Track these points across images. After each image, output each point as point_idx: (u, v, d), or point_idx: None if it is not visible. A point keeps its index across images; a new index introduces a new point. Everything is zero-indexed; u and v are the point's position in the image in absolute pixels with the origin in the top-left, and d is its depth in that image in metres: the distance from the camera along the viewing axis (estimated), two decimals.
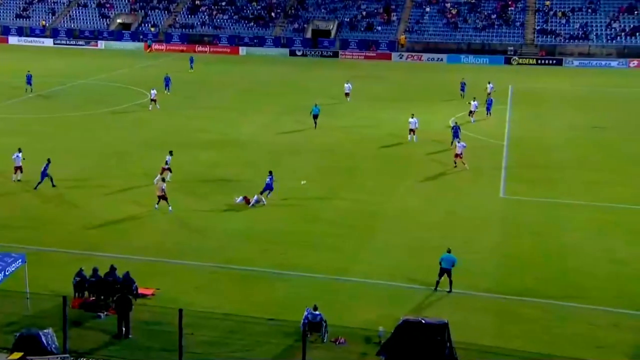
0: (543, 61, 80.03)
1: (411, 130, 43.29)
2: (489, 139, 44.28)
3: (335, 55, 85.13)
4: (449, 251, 23.46)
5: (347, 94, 55.68)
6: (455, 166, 37.32)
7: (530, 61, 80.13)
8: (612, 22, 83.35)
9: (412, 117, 43.61)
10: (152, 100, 51.71)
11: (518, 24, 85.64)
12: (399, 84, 66.94)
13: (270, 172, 32.10)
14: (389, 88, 63.97)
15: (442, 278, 23.20)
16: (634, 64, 77.44)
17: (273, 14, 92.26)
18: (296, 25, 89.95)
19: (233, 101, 56.54)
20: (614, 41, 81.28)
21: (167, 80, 58.33)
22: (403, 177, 36.33)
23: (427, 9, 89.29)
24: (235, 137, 44.26)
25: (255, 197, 31.60)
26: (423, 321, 18.75)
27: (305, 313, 20.02)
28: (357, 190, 34.17)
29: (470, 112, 48.63)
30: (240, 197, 31.62)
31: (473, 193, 33.90)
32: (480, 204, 32.35)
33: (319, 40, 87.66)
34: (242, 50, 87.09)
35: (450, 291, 22.98)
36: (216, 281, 24.00)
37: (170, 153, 34.86)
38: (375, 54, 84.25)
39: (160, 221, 29.66)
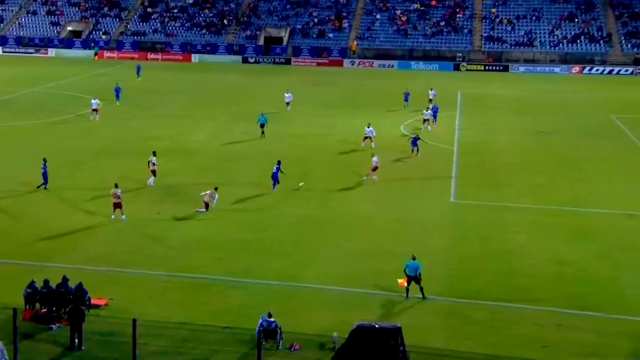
0: (490, 67, 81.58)
1: (367, 137, 43.50)
2: (439, 144, 44.98)
3: (288, 62, 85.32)
4: (413, 258, 23.62)
5: (287, 104, 54.78)
6: (366, 178, 36.87)
7: (478, 67, 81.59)
8: (555, 29, 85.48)
9: (369, 127, 43.72)
10: (93, 110, 50.63)
11: (466, 30, 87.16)
12: (351, 90, 67.43)
13: (279, 162, 35.12)
14: (341, 94, 64.41)
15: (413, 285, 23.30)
16: (575, 69, 79.55)
17: (225, 21, 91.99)
18: (249, 32, 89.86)
19: (185, 109, 56.21)
20: (556, 48, 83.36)
21: (117, 91, 57.27)
22: (355, 184, 36.63)
23: (378, 16, 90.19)
24: (186, 145, 44.04)
25: (215, 197, 31.43)
26: (376, 326, 18.98)
27: (260, 320, 20.10)
28: (309, 197, 34.34)
29: (425, 120, 48.83)
30: (203, 209, 31.45)
31: (425, 198, 34.41)
32: (431, 208, 32.86)
33: (272, 47, 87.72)
34: (195, 58, 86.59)
35: (423, 297, 23.14)
36: (170, 290, 23.85)
37: (154, 154, 35.39)
38: (327, 61, 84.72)
39: (112, 230, 29.34)
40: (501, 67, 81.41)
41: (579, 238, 29.15)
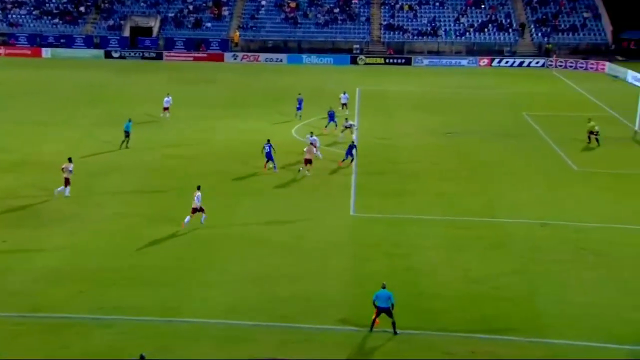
0: (391, 60, 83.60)
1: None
2: (336, 149, 45.64)
3: (159, 56, 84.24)
4: (383, 287, 23.62)
5: (166, 109, 52.94)
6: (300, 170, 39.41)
7: (378, 60, 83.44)
8: (460, 16, 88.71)
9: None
10: None
11: (363, 18, 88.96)
12: (234, 88, 67.34)
13: (268, 141, 39.98)
14: (223, 94, 64.25)
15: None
16: (484, 62, 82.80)
17: (82, 9, 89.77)
18: (111, 22, 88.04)
19: (36, 113, 54.44)
20: (463, 37, 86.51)
21: None
22: (243, 197, 36.62)
23: (263, 3, 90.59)
24: (39, 158, 42.68)
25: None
26: None
27: None
28: (188, 214, 33.95)
29: (346, 127, 48.49)
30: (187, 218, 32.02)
31: (322, 212, 34.82)
32: (329, 224, 33.30)
33: (139, 39, 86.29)
34: (46, 52, 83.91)
35: (395, 333, 23.25)
36: (22, 335, 23.07)
37: (70, 160, 35.84)
38: (205, 55, 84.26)
39: None
40: (403, 60, 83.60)
41: (492, 252, 30.34)
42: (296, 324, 24.09)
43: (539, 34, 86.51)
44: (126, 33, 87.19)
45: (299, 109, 53.10)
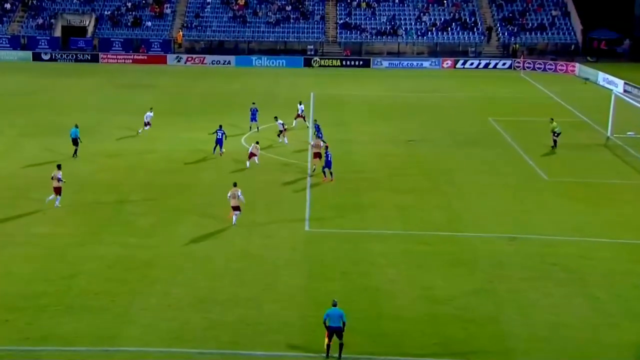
0: (348, 62, 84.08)
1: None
2: (289, 159, 45.71)
3: (95, 58, 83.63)
4: (334, 304, 23.71)
5: (147, 124, 51.14)
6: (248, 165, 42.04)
7: (334, 62, 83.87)
8: (422, 14, 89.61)
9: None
10: None
11: (318, 17, 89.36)
12: (178, 93, 67.14)
13: (220, 127, 45.09)
14: (165, 99, 63.93)
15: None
16: (447, 63, 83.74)
17: (7, 6, 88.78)
18: (40, 21, 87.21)
19: None
20: (424, 37, 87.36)
21: None
22: (184, 213, 36.45)
23: (209, 0, 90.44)
24: None
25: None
26: None
27: None
28: (126, 232, 33.94)
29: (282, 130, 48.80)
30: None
31: (273, 228, 34.83)
32: (281, 240, 33.31)
33: (72, 40, 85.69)
34: None
35: (340, 357, 23.22)
36: None
37: (59, 167, 36.72)
38: (146, 57, 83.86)
39: None
40: (361, 62, 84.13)
41: (456, 269, 30.60)
42: (245, 350, 23.98)
43: (506, 34, 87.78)
44: (57, 33, 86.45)
45: (253, 120, 52.10)
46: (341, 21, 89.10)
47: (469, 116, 59.39)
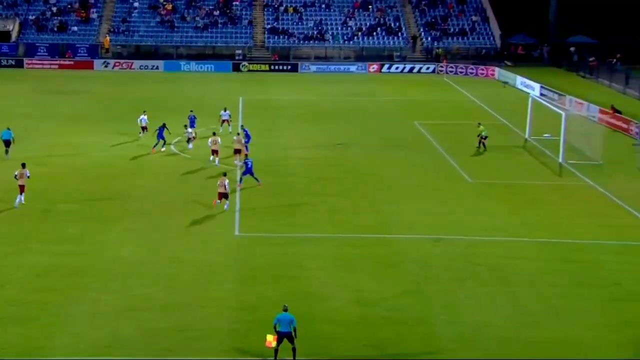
0: (276, 67, 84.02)
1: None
2: (221, 164, 45.41)
3: (19, 64, 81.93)
4: (285, 309, 23.55)
5: (144, 128, 50.09)
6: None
7: (262, 67, 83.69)
8: (348, 19, 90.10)
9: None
10: None
11: (245, 22, 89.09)
12: (105, 99, 66.25)
13: (164, 124, 46.57)
14: (92, 106, 63.05)
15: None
16: (373, 68, 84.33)
17: None
18: None
19: None
20: (351, 42, 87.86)
21: None
22: (114, 220, 35.97)
23: (136, 4, 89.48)
24: None
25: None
26: None
27: None
28: (54, 241, 33.35)
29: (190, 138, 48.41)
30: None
31: (203, 233, 34.62)
32: (211, 246, 33.10)
33: None
34: None
35: None
36: None
37: (23, 166, 37.06)
38: (72, 62, 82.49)
39: None
40: (289, 67, 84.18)
41: (385, 271, 30.81)
42: (178, 357, 23.77)
43: (429, 38, 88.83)
44: None
45: (192, 126, 50.55)
46: (269, 26, 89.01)
47: (395, 120, 59.93)
